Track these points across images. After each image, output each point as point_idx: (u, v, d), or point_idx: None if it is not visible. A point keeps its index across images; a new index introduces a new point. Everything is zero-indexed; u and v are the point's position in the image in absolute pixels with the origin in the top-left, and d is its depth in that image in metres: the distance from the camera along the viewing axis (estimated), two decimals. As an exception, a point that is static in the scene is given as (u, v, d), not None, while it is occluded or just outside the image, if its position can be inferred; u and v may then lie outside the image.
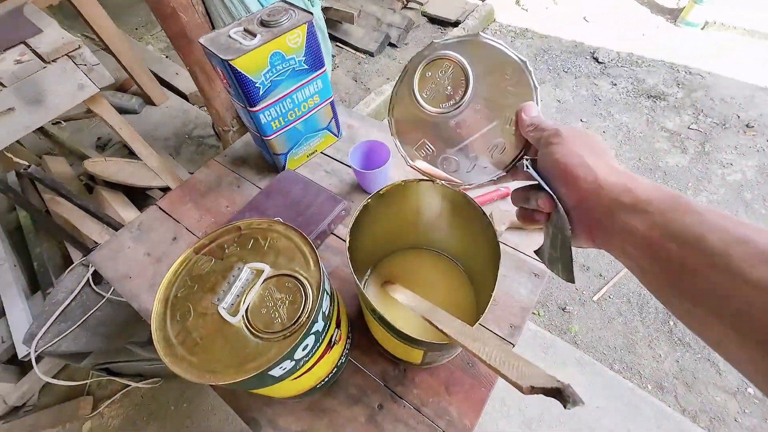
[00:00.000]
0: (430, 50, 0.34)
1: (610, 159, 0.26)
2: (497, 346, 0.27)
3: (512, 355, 0.26)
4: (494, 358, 0.25)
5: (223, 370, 0.31)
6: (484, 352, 0.27)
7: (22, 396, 1.16)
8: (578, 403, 0.18)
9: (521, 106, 0.32)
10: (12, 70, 0.83)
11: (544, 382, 0.19)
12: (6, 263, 1.31)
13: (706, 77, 1.97)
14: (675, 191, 0.22)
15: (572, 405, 0.18)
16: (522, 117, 0.32)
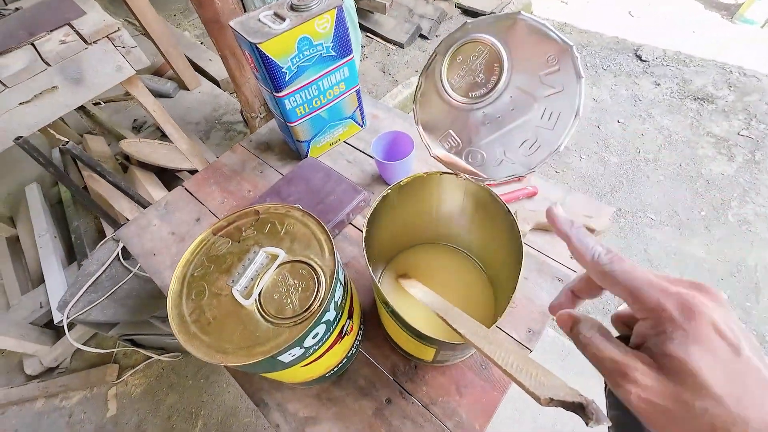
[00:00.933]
0: (462, 32, 0.32)
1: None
2: (514, 352, 0.26)
3: (530, 362, 0.24)
4: (510, 363, 0.24)
5: (233, 352, 0.31)
6: (500, 357, 0.25)
7: (56, 359, 1.24)
8: (602, 421, 0.17)
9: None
10: (57, 50, 0.87)
11: (564, 395, 0.17)
12: (47, 234, 1.40)
13: (762, 79, 1.82)
14: None
15: (596, 423, 0.16)
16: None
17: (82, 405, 1.20)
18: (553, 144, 0.32)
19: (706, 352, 0.16)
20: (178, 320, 0.33)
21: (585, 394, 0.19)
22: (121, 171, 1.51)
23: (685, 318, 0.17)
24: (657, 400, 0.17)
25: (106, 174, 0.95)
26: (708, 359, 0.16)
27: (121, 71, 0.96)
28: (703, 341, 0.16)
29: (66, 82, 0.89)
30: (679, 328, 0.17)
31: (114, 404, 1.19)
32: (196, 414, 1.15)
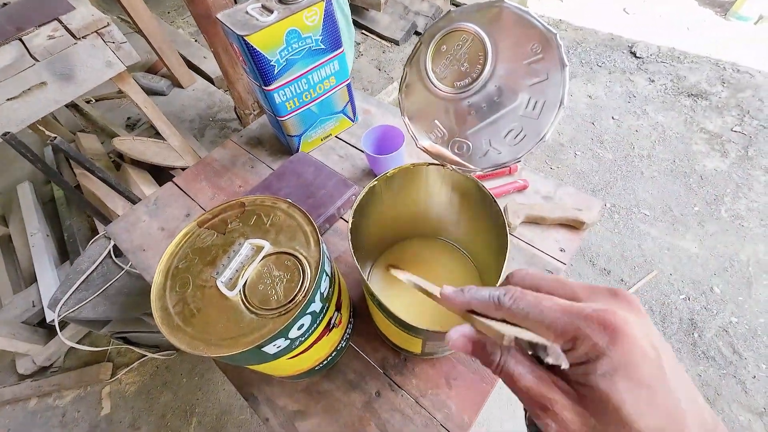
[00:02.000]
0: (446, 21, 0.32)
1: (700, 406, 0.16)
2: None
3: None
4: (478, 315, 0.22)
5: (217, 343, 0.31)
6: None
7: (49, 358, 1.23)
8: (560, 362, 0.15)
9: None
10: (45, 45, 0.86)
11: (528, 337, 0.16)
12: (39, 233, 1.39)
13: (755, 76, 1.83)
14: None
15: (554, 362, 0.15)
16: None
17: (75, 404, 1.19)
18: (538, 133, 0.32)
19: (630, 383, 0.15)
20: (161, 312, 0.33)
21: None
22: (114, 169, 1.50)
23: (609, 342, 0.15)
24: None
25: (97, 171, 0.94)
26: (632, 391, 0.15)
27: (111, 67, 0.95)
28: (628, 368, 0.15)
29: (55, 78, 0.88)
30: (602, 355, 0.15)
31: (108, 403, 1.18)
32: (191, 412, 1.14)
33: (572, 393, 0.16)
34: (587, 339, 0.16)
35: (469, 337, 0.19)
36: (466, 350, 0.19)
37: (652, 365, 0.15)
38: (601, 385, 0.15)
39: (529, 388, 0.17)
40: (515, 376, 0.17)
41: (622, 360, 0.15)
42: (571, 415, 0.16)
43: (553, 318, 0.17)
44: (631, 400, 0.15)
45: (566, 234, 0.57)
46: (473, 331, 0.19)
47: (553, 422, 0.16)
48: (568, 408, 0.16)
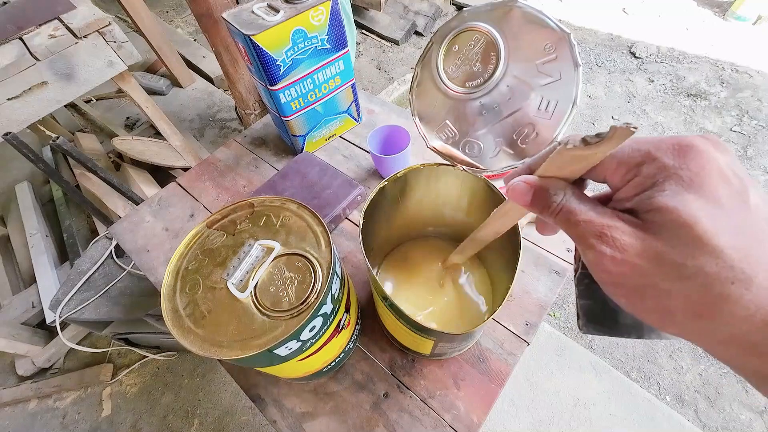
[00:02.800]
0: (459, 20, 0.31)
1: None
2: None
3: None
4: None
5: (228, 345, 0.30)
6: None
7: (49, 359, 1.23)
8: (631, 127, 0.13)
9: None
10: (46, 44, 0.85)
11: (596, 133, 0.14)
12: (39, 233, 1.38)
13: (754, 76, 1.84)
14: None
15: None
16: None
17: (76, 405, 1.18)
18: (550, 134, 0.32)
19: (706, 199, 0.13)
20: (172, 314, 0.32)
21: (581, 392, 0.18)
22: (113, 169, 1.49)
23: (682, 160, 0.14)
24: (637, 260, 0.14)
25: (97, 170, 0.94)
26: (708, 207, 0.13)
27: (113, 66, 0.94)
28: (702, 186, 0.13)
29: (56, 78, 0.87)
30: (672, 175, 0.13)
31: (109, 404, 1.18)
32: (192, 413, 1.14)
33: (636, 221, 0.14)
34: (655, 161, 0.14)
35: (531, 183, 0.18)
36: (525, 198, 0.18)
37: (733, 190, 0.13)
38: (670, 202, 0.13)
39: (588, 220, 0.15)
40: (576, 211, 0.16)
41: (694, 178, 0.13)
42: (630, 239, 0.14)
43: (623, 148, 0.15)
44: (707, 216, 0.13)
45: (572, 234, 0.57)
46: (536, 179, 0.18)
47: (609, 248, 0.14)
48: (628, 233, 0.14)
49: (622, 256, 0.14)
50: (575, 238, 0.16)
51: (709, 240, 0.13)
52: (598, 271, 0.15)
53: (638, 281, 0.14)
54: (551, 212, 0.17)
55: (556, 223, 0.17)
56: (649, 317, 0.15)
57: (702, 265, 0.13)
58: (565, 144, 0.15)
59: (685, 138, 0.14)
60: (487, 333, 0.49)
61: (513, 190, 0.18)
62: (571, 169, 0.17)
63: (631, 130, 0.13)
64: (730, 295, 0.12)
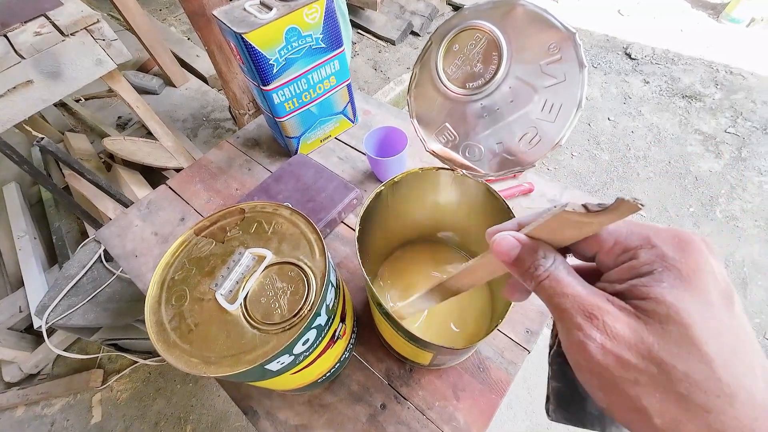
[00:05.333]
0: (459, 19, 0.30)
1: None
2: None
3: None
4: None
5: (217, 361, 0.29)
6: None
7: (37, 365, 1.19)
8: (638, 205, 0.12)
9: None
10: (31, 42, 0.82)
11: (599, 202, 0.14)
12: (27, 235, 1.34)
13: (748, 78, 1.85)
14: None
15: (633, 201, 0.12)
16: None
17: (64, 412, 1.16)
18: (554, 137, 0.31)
19: (700, 299, 0.13)
20: (156, 328, 0.31)
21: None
22: (104, 170, 1.46)
23: (681, 254, 0.13)
24: (626, 355, 0.13)
25: (85, 172, 0.91)
26: (702, 309, 0.12)
27: (102, 65, 0.92)
28: (698, 286, 0.13)
29: (42, 76, 0.85)
30: (672, 267, 0.13)
31: (99, 411, 1.15)
32: (185, 419, 1.12)
33: (627, 308, 0.14)
34: (654, 248, 0.14)
35: (520, 239, 0.16)
36: (510, 255, 0.16)
37: (721, 292, 0.13)
38: (668, 297, 0.13)
39: (577, 295, 0.14)
40: (564, 282, 0.15)
41: (692, 276, 0.13)
42: (623, 327, 0.13)
43: (618, 227, 0.15)
44: (701, 319, 0.12)
45: (573, 238, 0.56)
46: (525, 237, 0.17)
47: (599, 333, 0.13)
48: (621, 320, 0.13)
49: (612, 345, 0.13)
50: (558, 313, 0.15)
51: (701, 345, 0.12)
52: (580, 355, 0.14)
53: (621, 375, 0.13)
54: (535, 277, 0.16)
55: (536, 291, 0.16)
56: (622, 415, 0.14)
57: (691, 371, 0.12)
58: (564, 207, 0.14)
59: (685, 233, 0.14)
60: (487, 342, 0.48)
61: (498, 244, 0.17)
62: (565, 235, 0.16)
63: (638, 207, 0.12)
64: (712, 408, 0.12)
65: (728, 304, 0.13)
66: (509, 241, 0.16)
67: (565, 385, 0.19)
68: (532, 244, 0.16)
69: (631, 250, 0.14)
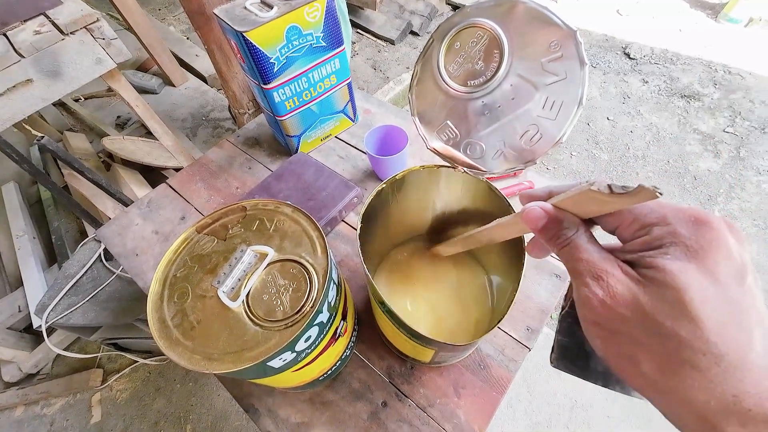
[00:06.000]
0: (461, 16, 0.30)
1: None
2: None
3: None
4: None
5: (219, 358, 0.29)
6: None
7: (36, 364, 1.19)
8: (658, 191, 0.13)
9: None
10: (31, 40, 0.82)
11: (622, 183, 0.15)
12: (26, 235, 1.34)
13: (746, 77, 1.85)
14: None
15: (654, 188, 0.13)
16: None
17: (64, 412, 1.15)
18: (555, 135, 0.31)
19: (704, 271, 0.13)
20: (158, 325, 0.31)
21: (578, 394, 0.18)
22: (104, 169, 1.46)
23: (694, 231, 0.14)
24: (622, 309, 0.15)
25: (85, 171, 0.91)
26: (703, 279, 0.13)
27: (101, 64, 0.92)
28: (705, 258, 0.14)
29: (41, 75, 0.85)
30: (680, 243, 0.14)
31: (98, 410, 1.15)
32: (185, 418, 1.12)
33: (632, 274, 0.15)
34: (669, 226, 0.15)
35: (548, 211, 0.18)
36: (537, 223, 0.18)
37: (733, 268, 0.13)
38: (669, 265, 0.14)
39: (590, 260, 0.16)
40: (582, 248, 0.17)
41: (699, 251, 0.14)
42: (622, 288, 0.15)
43: (642, 206, 0.16)
44: (699, 287, 0.13)
45: (573, 237, 0.56)
46: (552, 208, 0.18)
47: (601, 291, 0.15)
48: (622, 282, 0.15)
49: (611, 302, 0.15)
50: (573, 273, 0.17)
51: (692, 309, 0.13)
52: (585, 308, 0.16)
53: (617, 327, 0.15)
54: (559, 243, 0.18)
55: (558, 254, 0.18)
56: (617, 363, 0.16)
57: (678, 328, 0.13)
58: (590, 185, 0.15)
59: (704, 213, 0.15)
60: (487, 339, 0.48)
61: (528, 214, 0.19)
62: (588, 209, 0.17)
63: (657, 194, 0.13)
64: (697, 364, 0.13)
65: (738, 280, 0.14)
66: (537, 212, 0.19)
67: (571, 341, 0.21)
68: (557, 214, 0.18)
69: (647, 226, 0.16)
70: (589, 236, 0.18)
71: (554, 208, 0.18)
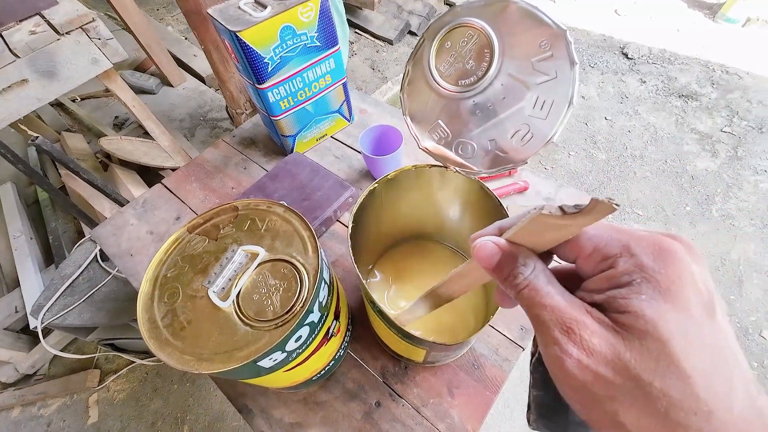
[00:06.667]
0: (451, 16, 0.30)
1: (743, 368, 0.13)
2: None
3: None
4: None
5: (209, 358, 0.29)
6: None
7: (33, 365, 1.19)
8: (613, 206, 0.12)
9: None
10: (26, 40, 0.82)
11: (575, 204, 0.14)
12: (23, 235, 1.34)
13: (744, 77, 1.86)
14: None
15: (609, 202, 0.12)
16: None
17: (61, 413, 1.15)
18: (546, 134, 0.31)
19: (679, 312, 0.12)
20: (149, 325, 0.31)
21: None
22: (101, 169, 1.46)
23: (661, 263, 0.13)
24: (602, 371, 0.13)
25: (81, 172, 0.91)
26: (681, 322, 0.12)
27: (97, 64, 0.91)
28: (678, 298, 0.13)
29: (37, 75, 0.84)
30: (651, 278, 0.13)
31: (95, 411, 1.15)
32: (182, 419, 1.11)
33: (606, 322, 0.13)
34: (634, 257, 0.13)
35: (500, 245, 0.16)
36: (490, 261, 0.16)
37: (702, 302, 0.13)
38: (647, 311, 0.12)
39: (556, 307, 0.14)
40: (543, 292, 0.15)
41: (671, 287, 0.13)
42: (600, 342, 0.13)
43: (599, 232, 0.14)
44: (680, 333, 0.12)
45: (567, 236, 0.56)
46: (505, 242, 0.16)
47: (575, 348, 0.13)
48: (598, 334, 0.13)
49: (588, 362, 0.13)
50: (536, 325, 0.15)
51: (679, 362, 0.12)
52: (556, 370, 0.14)
53: (598, 391, 0.13)
54: (515, 285, 0.16)
55: (516, 299, 0.16)
56: (600, 427, 0.14)
57: (668, 389, 0.12)
58: (540, 209, 0.14)
59: (665, 240, 0.14)
60: (481, 339, 0.48)
61: (479, 250, 0.17)
62: (544, 238, 0.16)
63: (613, 207, 0.12)
64: (689, 426, 0.12)
65: (710, 315, 0.13)
66: (489, 248, 0.16)
67: (547, 394, 0.19)
68: (511, 249, 0.16)
69: (610, 258, 0.14)
70: (548, 275, 0.16)
71: (508, 243, 0.16)
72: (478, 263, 0.17)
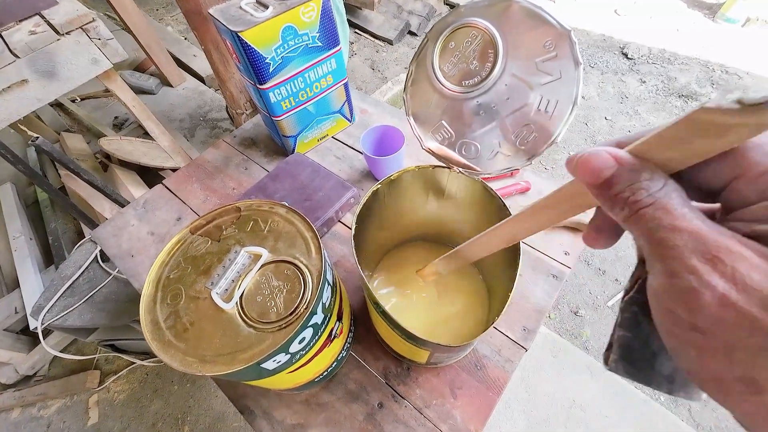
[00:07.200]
0: (455, 16, 0.30)
1: None
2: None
3: None
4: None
5: (212, 360, 0.29)
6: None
7: (33, 366, 1.19)
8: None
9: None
10: (26, 40, 0.82)
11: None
12: (22, 236, 1.33)
13: (744, 77, 1.86)
14: None
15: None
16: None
17: (61, 414, 1.15)
18: (549, 134, 0.31)
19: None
20: (151, 326, 0.30)
21: (576, 393, 0.16)
22: (101, 170, 1.45)
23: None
24: (756, 312, 0.10)
25: (81, 172, 0.91)
26: None
27: (97, 64, 0.91)
28: None
29: (37, 76, 0.84)
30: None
31: (95, 412, 1.14)
32: (183, 420, 1.11)
33: (763, 250, 0.10)
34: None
35: (617, 155, 0.13)
36: (599, 174, 0.13)
37: None
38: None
39: (696, 231, 0.11)
40: (676, 213, 0.11)
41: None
42: (762, 279, 0.10)
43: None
44: None
45: (570, 237, 0.56)
46: (626, 154, 0.13)
47: (722, 281, 0.10)
48: (757, 268, 0.10)
49: (738, 298, 0.10)
50: (660, 250, 0.11)
51: None
52: (681, 305, 0.11)
53: (738, 338, 0.10)
54: (632, 203, 0.12)
55: (629, 222, 0.12)
56: (716, 385, 0.11)
57: None
58: (702, 104, 0.10)
59: None
60: (484, 340, 0.48)
61: (586, 161, 0.13)
62: (693, 147, 0.11)
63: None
64: None
65: None
66: (602, 158, 0.13)
67: (635, 338, 0.16)
68: (633, 162, 0.12)
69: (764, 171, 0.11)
70: (683, 196, 0.12)
71: (629, 155, 0.12)
72: (575, 187, 0.13)
